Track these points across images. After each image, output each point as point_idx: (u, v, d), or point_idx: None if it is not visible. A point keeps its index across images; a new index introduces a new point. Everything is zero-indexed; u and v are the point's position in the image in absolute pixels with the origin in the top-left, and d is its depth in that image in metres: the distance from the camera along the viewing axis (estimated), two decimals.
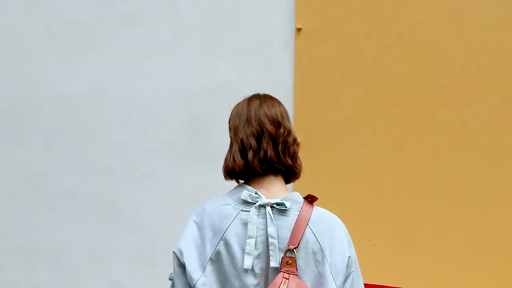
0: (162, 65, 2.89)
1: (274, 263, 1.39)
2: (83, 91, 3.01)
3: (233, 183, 1.57)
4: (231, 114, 1.58)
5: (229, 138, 1.58)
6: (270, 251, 1.39)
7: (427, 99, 2.46)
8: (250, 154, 1.46)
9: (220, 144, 2.63)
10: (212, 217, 1.45)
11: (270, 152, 1.46)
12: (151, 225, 2.89)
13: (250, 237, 1.40)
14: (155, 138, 2.90)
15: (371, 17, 2.54)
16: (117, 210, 2.94)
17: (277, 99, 1.58)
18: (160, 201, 2.88)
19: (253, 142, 1.47)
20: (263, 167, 1.47)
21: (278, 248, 1.40)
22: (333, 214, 1.51)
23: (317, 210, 1.48)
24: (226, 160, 1.52)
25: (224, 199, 1.49)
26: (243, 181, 1.53)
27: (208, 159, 2.76)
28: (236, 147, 1.49)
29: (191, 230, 1.47)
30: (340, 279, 1.42)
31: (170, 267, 1.58)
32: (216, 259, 1.42)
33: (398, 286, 2.46)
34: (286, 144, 1.49)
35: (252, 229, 1.40)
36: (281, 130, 1.50)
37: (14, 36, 3.12)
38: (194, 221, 1.48)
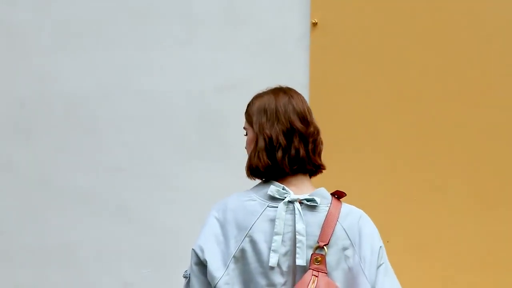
0: (173, 61, 2.86)
1: (300, 261, 1.35)
2: (93, 89, 2.98)
3: (253, 182, 1.52)
4: (252, 107, 1.51)
5: (243, 135, 1.53)
6: (297, 249, 1.35)
7: (447, 94, 2.42)
8: (280, 153, 1.42)
9: (233, 142, 2.62)
10: (237, 213, 1.40)
11: (302, 151, 1.43)
12: (163, 225, 2.86)
13: (277, 234, 1.36)
14: (167, 136, 2.87)
15: (388, 11, 2.49)
16: (128, 209, 2.92)
17: (301, 95, 1.53)
18: (172, 200, 2.85)
19: (283, 141, 1.42)
20: (294, 167, 1.43)
21: (306, 246, 1.36)
22: (360, 209, 1.49)
23: (345, 206, 1.45)
24: (250, 158, 1.47)
25: (248, 194, 1.44)
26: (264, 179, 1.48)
27: (221, 157, 2.72)
28: (262, 144, 1.44)
29: (212, 227, 1.41)
30: (372, 273, 1.39)
31: (181, 268, 1.54)
32: (241, 257, 1.38)
33: None
34: (315, 143, 1.47)
35: (280, 226, 1.36)
36: (311, 128, 1.47)
37: (23, 33, 3.10)
38: (216, 218, 1.42)
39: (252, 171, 1.46)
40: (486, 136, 2.37)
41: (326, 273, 1.35)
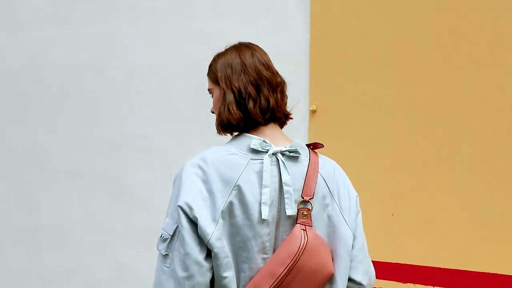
0: (167, 29, 2.77)
1: (290, 211, 1.39)
2: (85, 61, 2.91)
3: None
4: (215, 65, 1.53)
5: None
6: (286, 200, 1.39)
7: (455, 64, 2.28)
8: (251, 104, 1.45)
9: None
10: (219, 167, 1.39)
11: (272, 100, 1.46)
12: (157, 203, 2.71)
13: (265, 187, 1.39)
14: (162, 109, 2.79)
15: None
16: (123, 187, 2.85)
17: (262, 49, 1.54)
18: (167, 177, 2.72)
19: (253, 91, 1.45)
20: (266, 116, 1.46)
21: (294, 195, 1.41)
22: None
23: (321, 157, 1.50)
24: (220, 113, 1.48)
25: (227, 148, 1.44)
26: (237, 133, 1.50)
27: None
28: (230, 97, 1.46)
29: (195, 184, 1.38)
30: (352, 220, 1.46)
31: None
32: (228, 211, 1.37)
33: (422, 265, 2.32)
34: (282, 93, 1.51)
35: (267, 178, 1.39)
36: (278, 78, 1.50)
37: (12, 6, 3.04)
38: (196, 174, 1.40)
39: (224, 126, 1.47)
40: (496, 107, 2.23)
41: (311, 226, 1.40)
